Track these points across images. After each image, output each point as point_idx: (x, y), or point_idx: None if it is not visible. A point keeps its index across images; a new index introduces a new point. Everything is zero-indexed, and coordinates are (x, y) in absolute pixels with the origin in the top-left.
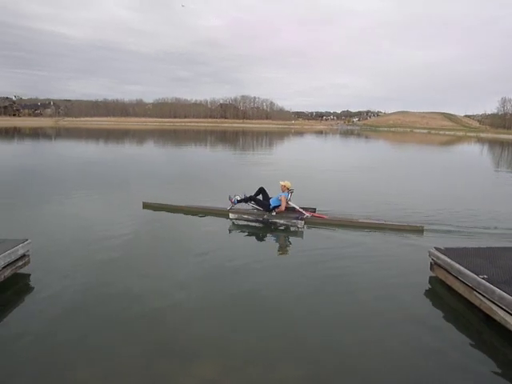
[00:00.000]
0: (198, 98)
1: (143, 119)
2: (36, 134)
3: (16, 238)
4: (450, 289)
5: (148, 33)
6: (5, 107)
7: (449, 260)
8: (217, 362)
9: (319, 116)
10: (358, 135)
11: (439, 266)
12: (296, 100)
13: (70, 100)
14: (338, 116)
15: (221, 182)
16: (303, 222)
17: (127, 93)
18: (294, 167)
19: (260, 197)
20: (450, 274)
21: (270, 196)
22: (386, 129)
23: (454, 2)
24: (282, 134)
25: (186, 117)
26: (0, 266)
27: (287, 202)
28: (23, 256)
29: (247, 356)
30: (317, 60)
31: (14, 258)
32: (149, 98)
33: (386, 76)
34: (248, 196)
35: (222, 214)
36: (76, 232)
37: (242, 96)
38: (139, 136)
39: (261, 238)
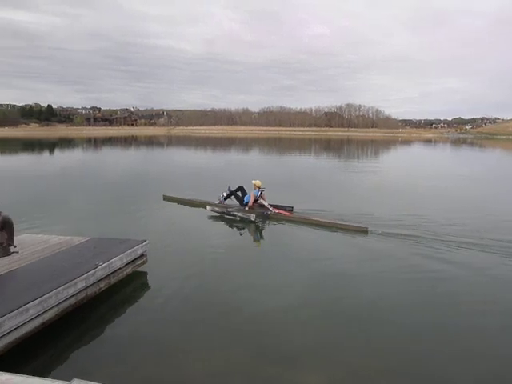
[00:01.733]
0: (303, 106)
1: (249, 127)
2: (150, 142)
3: (136, 239)
4: None
5: (255, 43)
6: (124, 118)
7: None
8: (319, 372)
9: (428, 124)
10: (472, 144)
11: None
12: (403, 107)
13: (181, 110)
14: (448, 124)
15: (325, 190)
16: (255, 215)
17: (234, 102)
18: (399, 177)
19: (240, 193)
20: None
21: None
22: (504, 137)
23: None
24: (388, 143)
25: (290, 125)
26: (122, 264)
27: (259, 199)
28: (142, 255)
29: (350, 369)
30: (426, 64)
31: (134, 256)
32: (255, 107)
33: (504, 79)
34: (229, 192)
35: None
36: (189, 234)
37: (347, 104)
38: (245, 144)
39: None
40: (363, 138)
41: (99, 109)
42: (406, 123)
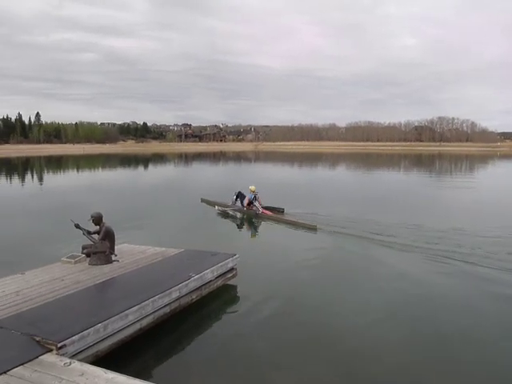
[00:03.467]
0: (392, 120)
1: (336, 143)
2: (238, 157)
3: (226, 252)
4: None
5: (340, 58)
6: (214, 134)
7: None
8: None
9: None
10: None
11: None
12: (502, 119)
13: (268, 126)
14: None
15: (418, 207)
16: (243, 214)
17: (321, 117)
18: (498, 194)
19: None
20: None
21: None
22: None
23: None
24: (484, 158)
25: (378, 140)
26: (214, 276)
27: (253, 201)
28: (232, 269)
29: None
30: None
31: (224, 270)
32: (342, 122)
33: None
34: (236, 196)
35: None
36: (276, 249)
37: (439, 117)
38: (331, 159)
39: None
40: (457, 152)
41: (190, 125)
42: (506, 136)
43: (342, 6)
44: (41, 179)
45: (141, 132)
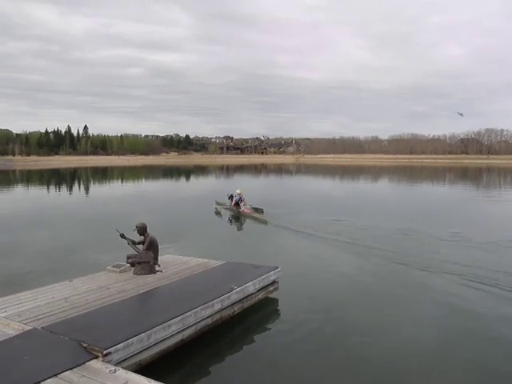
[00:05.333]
0: (436, 133)
1: (379, 156)
2: (279, 169)
3: (268, 265)
4: None
5: (383, 69)
6: (255, 146)
7: None
8: None
9: None
10: None
11: None
12: None
13: (309, 138)
14: None
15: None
16: (232, 211)
17: (363, 130)
18: None
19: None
20: None
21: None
22: None
23: None
24: None
25: (422, 153)
26: (255, 289)
27: (239, 202)
28: (273, 282)
29: None
30: None
31: (266, 283)
32: (384, 135)
33: None
34: (229, 197)
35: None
36: (317, 262)
37: (487, 129)
38: (374, 172)
39: None
40: (507, 166)
41: (231, 138)
42: None
43: (385, 17)
44: (87, 189)
45: (183, 144)
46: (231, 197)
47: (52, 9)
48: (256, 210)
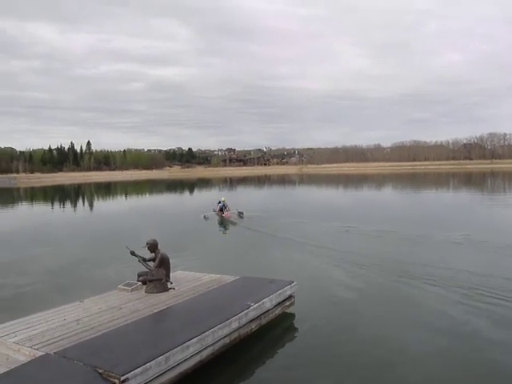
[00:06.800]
0: (438, 139)
1: (381, 163)
2: (283, 180)
3: (284, 279)
4: None
5: (383, 77)
6: (258, 158)
7: None
8: None
9: None
10: None
11: None
12: None
13: (312, 148)
14: None
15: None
16: (216, 216)
17: (365, 138)
18: None
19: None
20: None
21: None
22: None
23: None
24: None
25: (425, 159)
26: (272, 305)
27: (223, 208)
28: (290, 297)
29: None
30: None
31: (282, 298)
32: (386, 142)
33: None
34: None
35: None
36: (333, 275)
37: (490, 133)
38: (377, 180)
39: None
40: (511, 170)
41: (234, 150)
42: None
43: (384, 25)
44: (91, 205)
45: (186, 157)
46: (219, 204)
47: (53, 27)
48: (239, 213)
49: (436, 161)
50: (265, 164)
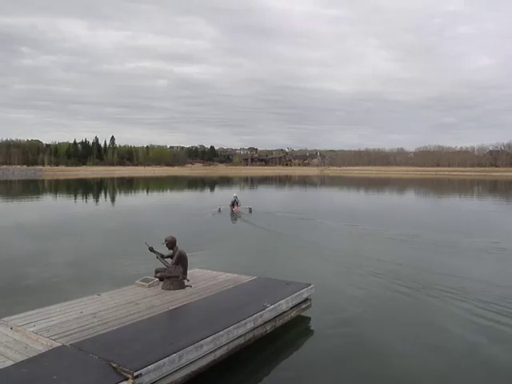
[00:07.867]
0: (464, 145)
1: (404, 168)
2: (303, 181)
3: (301, 282)
4: None
5: (409, 81)
6: (279, 158)
7: None
8: None
9: None
10: None
11: None
12: None
13: (334, 150)
14: None
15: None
16: (228, 209)
17: (388, 142)
18: None
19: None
20: None
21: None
22: None
23: None
24: None
25: (450, 165)
26: (288, 307)
27: (234, 204)
28: (306, 299)
29: None
30: None
31: (299, 300)
32: (410, 147)
33: None
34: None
35: None
36: (350, 279)
37: None
38: (400, 185)
39: None
40: None
41: (256, 149)
42: None
43: (412, 29)
44: (113, 200)
45: (208, 155)
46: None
47: (82, 23)
48: (249, 209)
49: (460, 167)
50: (286, 164)
